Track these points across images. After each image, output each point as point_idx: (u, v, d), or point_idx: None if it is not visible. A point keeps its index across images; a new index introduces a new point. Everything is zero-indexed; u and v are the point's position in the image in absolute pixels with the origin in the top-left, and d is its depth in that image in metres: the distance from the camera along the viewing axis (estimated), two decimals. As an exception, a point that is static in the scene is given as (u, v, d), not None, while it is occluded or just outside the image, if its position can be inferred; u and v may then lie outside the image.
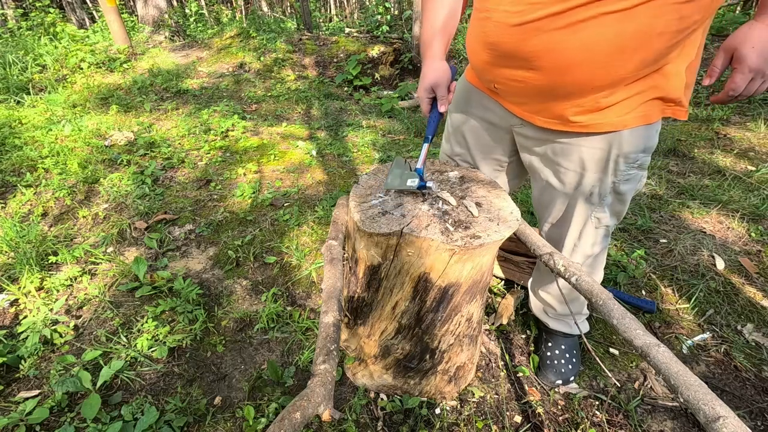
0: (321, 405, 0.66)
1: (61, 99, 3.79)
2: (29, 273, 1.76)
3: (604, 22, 0.78)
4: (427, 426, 1.27)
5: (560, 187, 1.13)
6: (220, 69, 5.13)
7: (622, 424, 1.27)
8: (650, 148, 1.01)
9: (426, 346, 1.19)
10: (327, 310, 0.85)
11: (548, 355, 1.44)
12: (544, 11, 0.80)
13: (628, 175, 1.04)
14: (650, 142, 1.00)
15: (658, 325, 1.61)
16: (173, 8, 7.66)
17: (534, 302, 1.51)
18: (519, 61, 0.91)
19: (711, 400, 0.61)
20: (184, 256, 2.00)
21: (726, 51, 0.83)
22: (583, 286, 0.87)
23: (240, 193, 2.45)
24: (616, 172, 1.03)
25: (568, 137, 1.03)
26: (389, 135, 3.47)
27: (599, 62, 0.83)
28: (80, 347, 1.51)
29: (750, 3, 5.97)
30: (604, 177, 1.05)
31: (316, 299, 1.75)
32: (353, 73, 4.92)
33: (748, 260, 1.89)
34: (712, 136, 3.26)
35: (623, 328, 0.76)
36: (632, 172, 1.04)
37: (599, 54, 0.82)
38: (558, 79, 0.89)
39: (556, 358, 1.42)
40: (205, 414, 1.30)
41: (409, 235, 0.94)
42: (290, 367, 1.44)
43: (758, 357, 1.47)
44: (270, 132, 3.45)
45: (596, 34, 0.80)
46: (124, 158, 2.79)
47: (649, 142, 1.00)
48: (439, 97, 1.07)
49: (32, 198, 2.37)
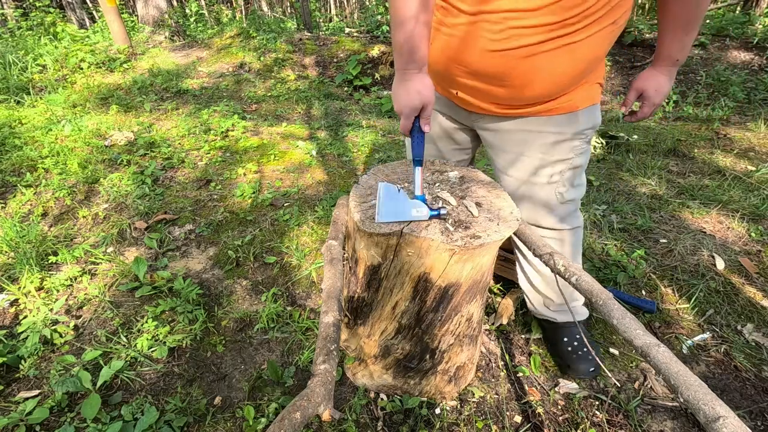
0: (321, 405, 0.66)
1: (61, 99, 3.79)
2: (29, 273, 1.76)
3: (562, 52, 0.94)
4: (427, 426, 1.27)
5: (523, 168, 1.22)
6: (220, 69, 5.13)
7: (622, 424, 1.27)
8: (597, 124, 1.19)
9: (426, 346, 1.19)
10: (327, 310, 0.85)
11: (569, 350, 1.42)
12: (517, 42, 0.93)
13: (582, 149, 1.19)
14: (597, 119, 1.19)
15: (658, 325, 1.61)
16: (173, 8, 7.66)
17: (534, 301, 1.48)
18: (488, 78, 1.03)
19: (711, 400, 0.61)
20: (184, 256, 2.00)
21: (636, 90, 1.18)
22: (583, 286, 0.87)
23: (240, 193, 2.45)
24: (573, 148, 1.17)
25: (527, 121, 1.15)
26: (389, 135, 3.47)
27: (557, 81, 1.01)
28: (80, 347, 1.51)
29: (750, 3, 5.97)
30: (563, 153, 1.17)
31: (316, 299, 1.75)
32: (353, 73, 4.92)
33: (748, 260, 1.89)
34: (712, 136, 3.26)
35: (623, 328, 0.76)
36: (584, 147, 1.19)
37: (557, 75, 1.00)
38: (519, 93, 1.05)
39: (579, 348, 1.41)
40: (205, 414, 1.30)
41: (409, 235, 0.94)
42: (290, 367, 1.44)
43: (758, 357, 1.47)
44: (270, 132, 3.45)
45: (556, 60, 0.96)
46: (124, 158, 2.79)
47: (597, 119, 1.19)
48: (425, 116, 0.98)
49: (32, 198, 2.37)
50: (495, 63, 0.98)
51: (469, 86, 1.09)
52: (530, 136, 1.16)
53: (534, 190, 1.23)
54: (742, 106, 3.90)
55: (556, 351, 1.47)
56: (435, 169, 1.25)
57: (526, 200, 1.26)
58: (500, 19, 0.91)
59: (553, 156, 1.17)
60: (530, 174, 1.21)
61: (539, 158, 1.17)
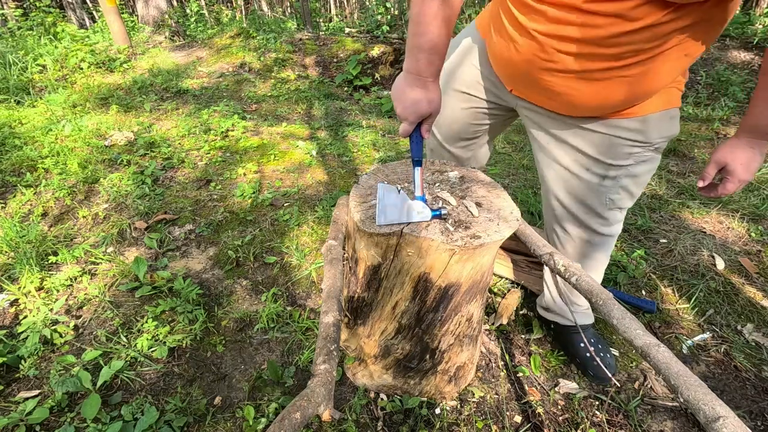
0: (321, 405, 0.66)
1: (61, 99, 3.78)
2: (29, 273, 1.76)
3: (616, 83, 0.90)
4: (427, 426, 1.27)
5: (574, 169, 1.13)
6: (220, 69, 5.13)
7: (622, 424, 1.27)
8: (672, 134, 1.06)
9: (426, 346, 1.19)
10: (327, 310, 0.85)
11: (587, 355, 1.40)
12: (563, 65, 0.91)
13: (644, 158, 1.07)
14: (673, 129, 1.05)
15: (658, 325, 1.61)
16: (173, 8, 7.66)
17: (559, 308, 1.45)
18: (539, 89, 1.02)
19: (711, 400, 0.61)
20: (184, 256, 2.00)
21: (717, 163, 0.99)
22: (583, 286, 0.87)
23: (240, 193, 2.45)
24: (634, 155, 1.06)
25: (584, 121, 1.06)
26: (389, 135, 3.47)
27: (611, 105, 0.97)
28: (80, 347, 1.51)
29: (750, 3, 5.96)
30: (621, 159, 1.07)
31: (316, 299, 1.75)
32: (353, 73, 4.92)
33: (748, 260, 1.89)
34: (712, 136, 3.26)
35: (623, 328, 0.76)
36: (649, 155, 1.07)
37: (610, 100, 0.94)
38: (571, 110, 1.03)
39: (600, 351, 1.41)
40: (205, 414, 1.30)
41: (409, 235, 0.94)
42: (290, 367, 1.44)
43: (758, 357, 1.47)
44: (270, 132, 3.45)
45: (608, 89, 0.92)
46: (124, 158, 2.79)
47: (672, 129, 1.05)
48: (429, 122, 0.97)
49: (32, 198, 2.37)
50: (544, 79, 0.97)
51: (523, 93, 1.08)
52: (586, 131, 1.07)
53: (581, 188, 1.15)
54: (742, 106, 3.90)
55: (576, 356, 1.44)
56: (435, 169, 1.25)
57: (571, 195, 1.18)
58: (545, 40, 0.91)
59: (609, 159, 1.07)
60: (582, 170, 1.12)
61: (595, 155, 1.08)
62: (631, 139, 1.04)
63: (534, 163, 1.39)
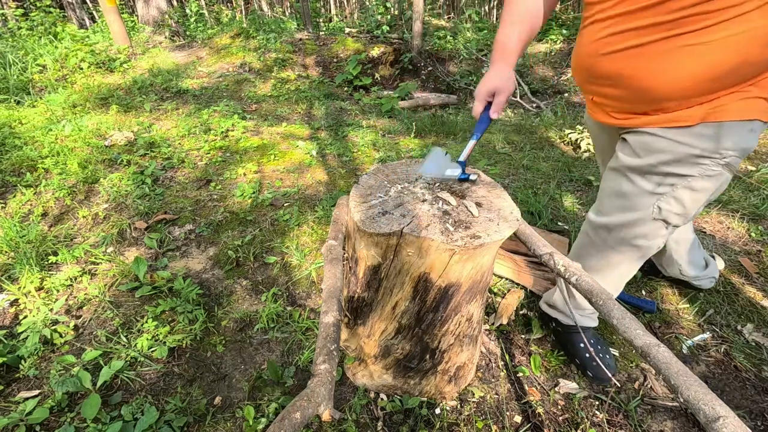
0: (321, 405, 0.66)
1: (61, 99, 3.78)
2: (29, 273, 1.76)
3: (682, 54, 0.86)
4: (427, 426, 1.27)
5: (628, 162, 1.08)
6: (220, 69, 5.13)
7: (622, 424, 1.27)
8: (748, 149, 0.94)
9: (426, 346, 1.19)
10: (327, 310, 0.85)
11: (587, 356, 1.41)
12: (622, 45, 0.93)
13: (711, 172, 0.98)
14: (749, 142, 0.93)
15: (658, 325, 1.61)
16: (173, 8, 7.66)
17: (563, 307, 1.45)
18: (603, 79, 1.03)
19: (711, 400, 0.61)
20: (184, 256, 2.00)
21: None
22: (582, 286, 0.87)
23: (240, 193, 2.45)
24: (698, 165, 0.97)
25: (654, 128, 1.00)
26: (389, 135, 3.47)
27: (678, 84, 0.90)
28: (80, 347, 1.51)
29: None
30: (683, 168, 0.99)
31: (316, 299, 1.75)
32: (353, 73, 4.93)
33: (748, 260, 1.89)
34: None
35: (623, 328, 0.76)
36: (716, 170, 0.97)
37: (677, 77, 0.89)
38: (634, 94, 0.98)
39: (600, 351, 1.41)
40: (205, 414, 1.30)
41: (409, 235, 0.94)
42: (290, 367, 1.44)
43: (758, 357, 1.47)
44: (270, 132, 3.45)
45: (672, 62, 0.88)
46: (124, 158, 2.79)
47: (749, 142, 0.93)
48: (496, 103, 1.09)
49: (32, 198, 2.37)
50: (605, 65, 0.99)
51: (596, 92, 1.10)
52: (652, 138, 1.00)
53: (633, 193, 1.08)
54: None
55: (577, 358, 1.44)
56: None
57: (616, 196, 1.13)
58: (604, 26, 0.95)
59: (669, 166, 1.00)
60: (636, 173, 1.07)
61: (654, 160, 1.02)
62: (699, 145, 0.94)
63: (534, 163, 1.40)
